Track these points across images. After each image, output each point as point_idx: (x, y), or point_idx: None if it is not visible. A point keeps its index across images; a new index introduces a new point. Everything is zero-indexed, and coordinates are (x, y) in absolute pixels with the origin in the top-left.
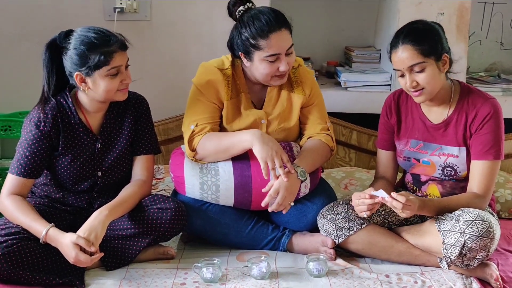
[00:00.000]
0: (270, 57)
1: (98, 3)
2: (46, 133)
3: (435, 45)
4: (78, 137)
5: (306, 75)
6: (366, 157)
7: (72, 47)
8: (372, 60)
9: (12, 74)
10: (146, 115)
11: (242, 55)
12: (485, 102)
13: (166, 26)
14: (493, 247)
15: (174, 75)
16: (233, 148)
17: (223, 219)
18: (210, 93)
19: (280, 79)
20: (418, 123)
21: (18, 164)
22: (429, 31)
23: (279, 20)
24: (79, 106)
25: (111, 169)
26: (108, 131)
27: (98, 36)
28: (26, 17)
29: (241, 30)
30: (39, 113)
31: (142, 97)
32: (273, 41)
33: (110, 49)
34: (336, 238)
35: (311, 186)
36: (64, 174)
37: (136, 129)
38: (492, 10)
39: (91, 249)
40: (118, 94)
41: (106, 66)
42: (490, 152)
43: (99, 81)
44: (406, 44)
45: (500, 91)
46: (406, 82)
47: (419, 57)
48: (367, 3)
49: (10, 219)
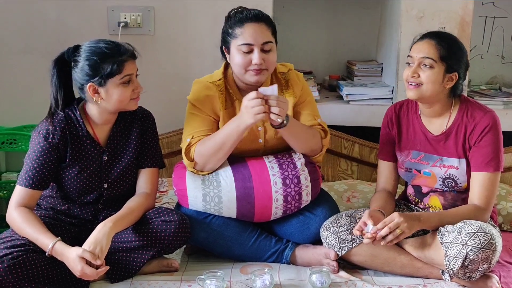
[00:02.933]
0: (244, 46)
1: (103, 17)
2: (54, 145)
3: (453, 56)
4: (86, 149)
5: (295, 78)
6: (368, 170)
7: (83, 59)
8: (374, 74)
9: (17, 88)
10: (152, 129)
11: (225, 50)
12: (484, 115)
13: (169, 40)
14: (495, 259)
15: (177, 89)
16: (229, 138)
17: (227, 231)
18: (206, 108)
19: (255, 75)
20: (420, 135)
21: (26, 176)
22: (456, 46)
23: (258, 15)
24: (87, 118)
25: (117, 181)
26: (114, 143)
27: (109, 46)
28: (31, 31)
29: (225, 24)
30: (47, 125)
31: (149, 112)
32: (247, 30)
33: (122, 58)
34: (339, 251)
35: (312, 194)
36: (70, 185)
37: (142, 143)
38: (493, 24)
39: (97, 263)
40: (131, 103)
41: (119, 75)
42: (490, 164)
43: (112, 90)
44: (432, 39)
45: (501, 104)
46: (409, 72)
47: (435, 55)
48: (369, 17)
49: (18, 231)
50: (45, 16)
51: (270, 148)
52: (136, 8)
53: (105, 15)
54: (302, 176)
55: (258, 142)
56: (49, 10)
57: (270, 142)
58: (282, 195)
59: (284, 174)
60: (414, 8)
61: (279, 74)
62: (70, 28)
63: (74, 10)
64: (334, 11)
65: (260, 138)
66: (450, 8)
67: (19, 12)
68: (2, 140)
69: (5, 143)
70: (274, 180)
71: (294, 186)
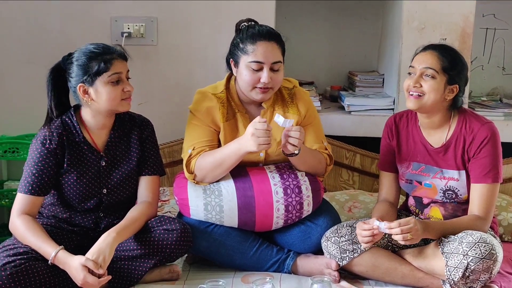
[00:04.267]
0: (254, 63)
1: (106, 28)
2: (52, 151)
3: (454, 68)
4: (84, 155)
5: (301, 95)
6: (369, 180)
7: (74, 62)
8: (376, 84)
9: (19, 97)
10: (152, 137)
11: (232, 62)
12: (482, 127)
13: (172, 50)
14: (495, 269)
15: (180, 99)
16: (228, 158)
17: (228, 241)
18: (207, 119)
19: (261, 93)
20: (420, 147)
21: (26, 182)
22: (458, 59)
23: (271, 33)
24: (83, 124)
25: (117, 188)
26: (113, 149)
27: (97, 46)
28: (34, 41)
29: (235, 37)
30: (45, 131)
31: (148, 120)
32: (260, 48)
33: (109, 56)
34: (340, 261)
35: (313, 204)
36: (70, 192)
37: (142, 150)
38: (494, 36)
39: (99, 271)
40: (122, 103)
41: (107, 72)
42: (489, 176)
43: (101, 89)
44: (435, 51)
45: (502, 116)
46: (411, 81)
47: (437, 66)
48: (370, 28)
49: (20, 239)
50: (49, 26)
51: (271, 162)
52: (139, 19)
53: (108, 26)
54: (303, 186)
55: (259, 155)
56: (53, 20)
57: (271, 156)
58: (283, 205)
59: (285, 184)
60: (415, 20)
61: (284, 89)
62: (73, 38)
63: (77, 20)
64: (336, 22)
65: (261, 152)
66: (451, 20)
67: (23, 22)
68: (4, 149)
69: (7, 151)
70: (275, 189)
71: (295, 196)
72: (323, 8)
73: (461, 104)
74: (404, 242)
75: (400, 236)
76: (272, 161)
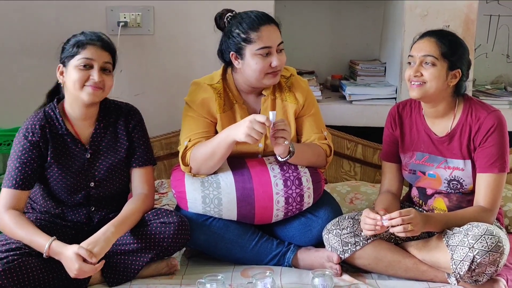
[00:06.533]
0: (262, 50)
1: (102, 17)
2: (34, 143)
3: (454, 53)
4: (67, 147)
5: (299, 84)
6: (371, 171)
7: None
8: (377, 73)
9: (14, 89)
10: (140, 126)
11: (233, 55)
12: (488, 115)
13: (169, 40)
14: (502, 262)
15: (177, 89)
16: (218, 148)
17: (227, 234)
18: (202, 110)
19: (273, 77)
20: (423, 136)
21: (10, 177)
22: (458, 42)
23: (268, 16)
24: (66, 116)
25: (105, 180)
26: (98, 141)
27: (84, 32)
28: (28, 31)
29: (232, 29)
30: (27, 124)
31: (135, 108)
32: (264, 33)
33: (85, 41)
34: (342, 254)
35: (314, 196)
36: (57, 186)
37: (130, 141)
38: (498, 23)
39: (92, 260)
40: (86, 90)
41: (77, 55)
42: (495, 165)
43: (70, 71)
44: (432, 37)
45: (506, 104)
46: (411, 71)
47: (436, 52)
48: (372, 16)
49: (10, 234)
50: (43, 16)
51: (270, 153)
52: (136, 8)
53: (104, 15)
54: (303, 178)
55: (258, 146)
56: (47, 10)
57: (270, 147)
58: (283, 197)
59: (285, 176)
60: (417, 7)
61: (281, 77)
62: (68, 28)
63: (73, 10)
64: (337, 10)
65: (260, 143)
66: (455, 6)
67: (17, 12)
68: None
69: (2, 144)
70: (275, 181)
71: (295, 188)
72: None
73: (465, 90)
74: (404, 234)
75: (401, 227)
76: (272, 152)
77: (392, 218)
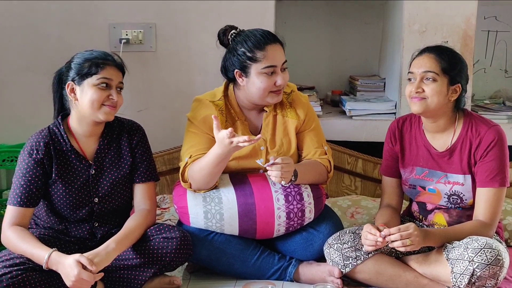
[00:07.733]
0: (267, 68)
1: (104, 34)
2: (39, 161)
3: (454, 68)
4: (72, 163)
5: (299, 99)
6: (372, 185)
7: (72, 63)
8: (377, 88)
9: (18, 106)
10: (143, 142)
11: (238, 73)
12: (489, 129)
13: (171, 56)
14: (502, 275)
15: (179, 105)
16: (210, 162)
17: (229, 249)
18: (205, 127)
19: (276, 96)
20: (423, 151)
21: (15, 194)
22: (456, 57)
23: (273, 35)
24: (71, 133)
25: (108, 196)
26: (102, 157)
27: (96, 51)
28: (33, 49)
29: (237, 47)
30: (31, 141)
31: (138, 125)
32: (270, 52)
33: (103, 61)
34: (343, 268)
35: (315, 211)
36: (60, 201)
37: (133, 157)
38: (495, 38)
39: (91, 268)
40: (103, 110)
41: (96, 75)
42: (496, 180)
43: (87, 90)
44: (431, 53)
45: (505, 118)
46: (412, 87)
47: (436, 68)
48: (371, 32)
49: (13, 249)
50: (47, 33)
51: None
52: (138, 25)
53: (106, 32)
54: (305, 193)
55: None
56: (51, 27)
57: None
58: (284, 212)
59: (287, 191)
60: (416, 23)
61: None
62: (72, 45)
63: (76, 27)
64: (336, 26)
65: (261, 158)
66: (453, 22)
67: (21, 30)
68: (3, 158)
69: (6, 160)
70: (276, 196)
71: (296, 203)
72: (323, 12)
73: (465, 104)
74: (404, 249)
75: (400, 242)
76: None
77: (391, 234)
